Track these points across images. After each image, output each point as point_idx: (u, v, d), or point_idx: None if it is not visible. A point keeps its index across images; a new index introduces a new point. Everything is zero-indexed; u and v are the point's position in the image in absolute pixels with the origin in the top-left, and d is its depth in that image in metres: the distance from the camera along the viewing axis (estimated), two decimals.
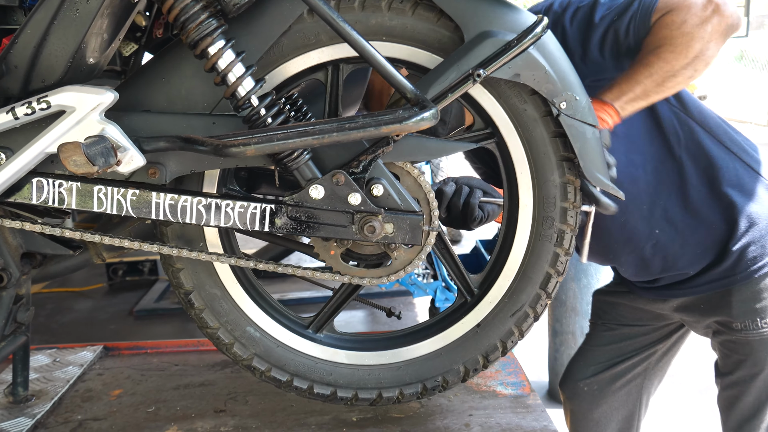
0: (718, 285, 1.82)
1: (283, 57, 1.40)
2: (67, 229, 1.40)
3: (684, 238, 1.79)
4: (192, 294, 1.52)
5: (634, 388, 2.10)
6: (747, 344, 1.81)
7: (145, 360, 2.07)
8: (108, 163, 1.19)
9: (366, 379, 1.58)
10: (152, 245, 1.42)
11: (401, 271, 1.46)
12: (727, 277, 1.80)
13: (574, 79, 1.37)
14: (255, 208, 1.36)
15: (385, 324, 3.20)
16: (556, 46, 1.37)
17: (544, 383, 4.09)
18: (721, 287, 1.82)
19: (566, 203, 1.46)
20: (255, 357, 1.56)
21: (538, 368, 4.13)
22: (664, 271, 1.85)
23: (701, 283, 1.84)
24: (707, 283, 1.83)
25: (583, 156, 1.39)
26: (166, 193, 1.36)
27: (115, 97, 1.28)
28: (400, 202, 1.39)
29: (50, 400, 1.79)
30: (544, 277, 1.51)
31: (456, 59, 1.33)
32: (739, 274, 1.78)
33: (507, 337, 1.55)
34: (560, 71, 1.35)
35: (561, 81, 1.35)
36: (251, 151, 1.21)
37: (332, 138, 1.21)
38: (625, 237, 1.82)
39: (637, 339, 2.06)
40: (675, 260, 1.82)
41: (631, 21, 1.56)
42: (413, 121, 1.21)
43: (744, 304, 1.79)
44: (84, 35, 1.30)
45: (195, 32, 1.25)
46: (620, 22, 1.57)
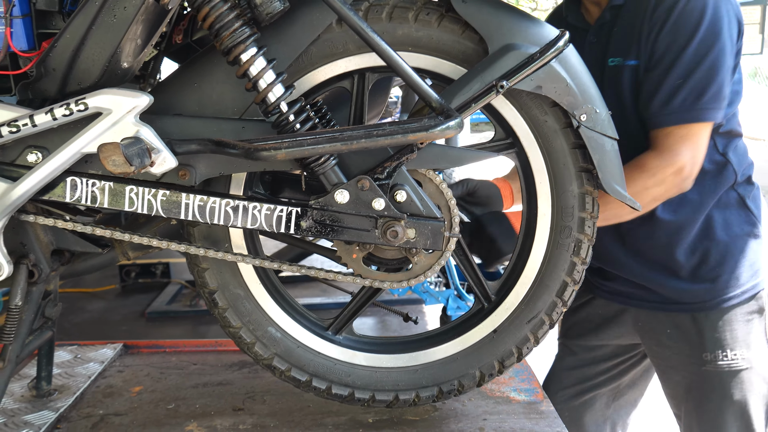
0: (688, 308, 1.84)
1: (311, 65, 1.45)
2: (99, 227, 1.45)
3: (659, 234, 1.83)
4: (216, 293, 1.56)
5: (600, 419, 2.12)
6: (716, 375, 1.82)
7: (163, 359, 2.11)
8: (143, 164, 1.23)
9: (383, 381, 1.61)
10: (179, 245, 1.46)
11: (421, 275, 1.49)
12: (699, 302, 1.82)
13: (595, 93, 1.41)
14: (281, 211, 1.40)
15: (395, 331, 3.22)
16: (577, 59, 1.41)
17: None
18: (690, 310, 1.84)
19: (584, 213, 1.49)
20: (275, 357, 1.59)
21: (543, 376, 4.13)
22: (630, 255, 1.87)
23: (669, 301, 1.86)
24: (675, 303, 1.85)
25: (602, 167, 1.42)
26: (196, 195, 1.40)
27: (150, 101, 1.32)
28: (422, 208, 1.42)
29: (72, 395, 1.83)
30: (561, 286, 1.54)
31: (480, 70, 1.37)
32: (710, 301, 1.81)
33: (523, 343, 1.58)
34: (581, 84, 1.39)
35: (582, 94, 1.38)
36: (282, 155, 1.25)
37: (360, 144, 1.25)
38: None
39: (599, 366, 2.07)
40: (644, 248, 1.85)
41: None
42: (439, 130, 1.25)
43: (714, 332, 1.81)
44: (120, 40, 1.35)
45: (229, 39, 1.30)
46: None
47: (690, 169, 1.67)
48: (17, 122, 1.32)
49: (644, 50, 1.69)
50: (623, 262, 1.90)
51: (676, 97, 1.64)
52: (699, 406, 1.88)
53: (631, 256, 1.88)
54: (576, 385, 2.09)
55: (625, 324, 2.01)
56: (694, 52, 1.63)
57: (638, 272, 1.89)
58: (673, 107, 1.65)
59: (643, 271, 1.87)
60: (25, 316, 1.56)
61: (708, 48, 1.64)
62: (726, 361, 1.81)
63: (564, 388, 2.10)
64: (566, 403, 2.10)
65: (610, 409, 2.14)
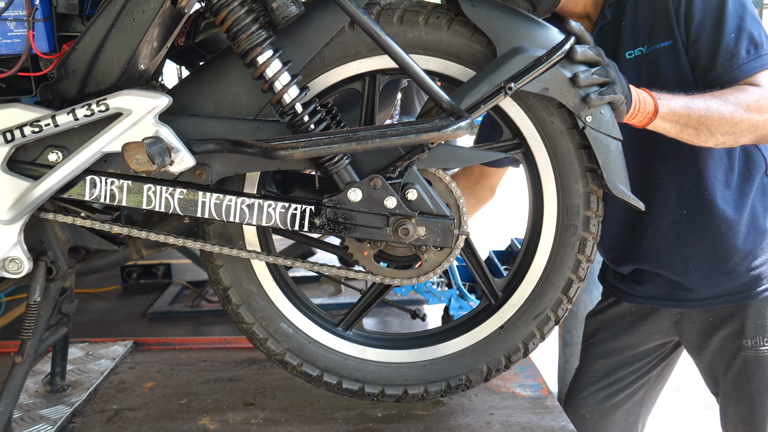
0: (731, 300, 1.84)
1: (324, 67, 1.49)
2: (117, 225, 1.48)
3: (703, 234, 1.81)
4: (230, 290, 1.59)
5: (632, 416, 2.11)
6: (756, 361, 1.84)
7: (174, 355, 2.14)
8: (164, 163, 1.27)
9: (393, 376, 1.65)
10: (195, 242, 1.50)
11: (431, 272, 1.53)
12: (742, 293, 1.82)
13: None
14: (296, 209, 1.44)
15: (396, 331, 3.27)
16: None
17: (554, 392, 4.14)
18: (732, 302, 1.84)
19: (589, 212, 1.53)
20: (288, 352, 1.63)
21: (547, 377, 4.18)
22: (676, 249, 1.83)
23: (711, 296, 1.86)
24: (719, 296, 1.85)
25: (607, 167, 1.46)
26: (212, 193, 1.43)
27: (169, 102, 1.36)
28: (432, 207, 1.46)
29: (86, 390, 1.86)
30: (566, 283, 1.58)
31: (489, 73, 1.41)
32: (753, 290, 1.81)
33: (529, 339, 1.62)
34: None
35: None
36: (299, 154, 1.29)
37: (375, 144, 1.29)
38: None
39: (631, 366, 2.05)
40: (692, 241, 1.82)
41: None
42: (451, 130, 1.29)
43: (757, 320, 1.82)
44: (139, 43, 1.39)
45: (246, 42, 1.34)
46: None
47: None
48: (39, 122, 1.35)
49: (678, 27, 1.68)
50: (665, 258, 1.86)
51: (738, 50, 1.64)
52: (736, 389, 1.89)
53: (676, 250, 1.83)
54: (607, 387, 2.07)
55: (661, 321, 1.98)
56: (733, 6, 1.65)
57: (681, 269, 1.84)
58: (741, 60, 1.64)
59: (686, 266, 1.84)
60: (43, 312, 1.59)
61: (742, 1, 1.67)
62: (767, 347, 1.83)
63: (595, 391, 2.07)
64: (597, 405, 2.07)
65: (641, 406, 2.14)
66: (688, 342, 1.98)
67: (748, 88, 1.61)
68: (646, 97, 1.54)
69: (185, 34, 2.00)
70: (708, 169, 1.78)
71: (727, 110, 1.58)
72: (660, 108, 1.55)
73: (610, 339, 2.07)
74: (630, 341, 2.04)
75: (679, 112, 1.57)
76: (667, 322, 1.98)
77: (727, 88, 1.63)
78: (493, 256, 4.27)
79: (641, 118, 1.54)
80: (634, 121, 1.55)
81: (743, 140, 1.64)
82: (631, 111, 1.51)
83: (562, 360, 4.02)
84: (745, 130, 1.60)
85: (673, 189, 1.79)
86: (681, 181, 1.80)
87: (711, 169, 1.78)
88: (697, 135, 1.61)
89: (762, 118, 1.61)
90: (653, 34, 1.73)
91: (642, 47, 1.75)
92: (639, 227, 1.87)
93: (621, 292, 2.01)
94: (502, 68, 1.40)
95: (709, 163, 1.78)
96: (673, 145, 1.73)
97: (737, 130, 1.60)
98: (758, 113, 1.60)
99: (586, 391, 2.09)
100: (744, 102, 1.59)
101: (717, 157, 1.78)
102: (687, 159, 1.79)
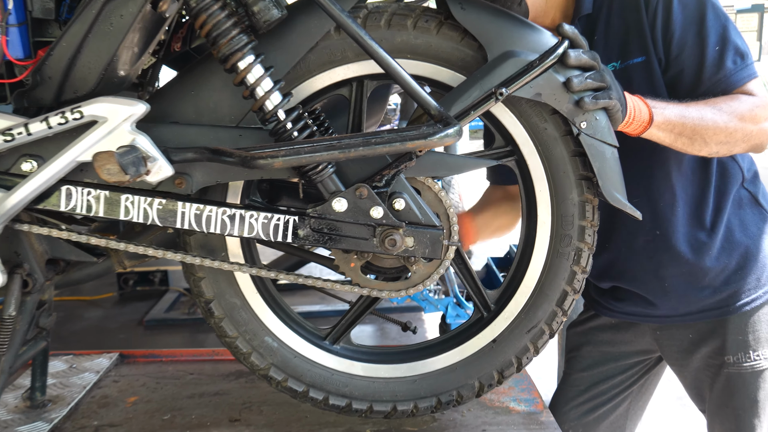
0: (710, 315, 1.80)
1: (309, 72, 1.44)
2: (94, 236, 1.43)
3: (676, 255, 1.77)
4: (212, 303, 1.54)
5: (617, 429, 2.07)
6: (739, 377, 1.79)
7: (160, 368, 2.09)
8: (139, 173, 1.22)
9: (381, 391, 1.59)
10: (175, 254, 1.45)
11: (420, 284, 1.48)
12: (720, 308, 1.78)
13: None
14: (278, 220, 1.39)
15: (394, 340, 3.21)
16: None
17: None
18: (712, 317, 1.80)
19: (584, 222, 1.48)
20: (272, 367, 1.58)
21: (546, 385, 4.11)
22: (650, 269, 1.80)
23: (691, 312, 1.81)
24: (698, 312, 1.81)
25: (602, 175, 1.41)
26: (192, 203, 1.38)
27: (146, 109, 1.31)
28: (421, 217, 1.41)
29: (67, 406, 1.81)
30: (561, 295, 1.52)
31: (479, 78, 1.36)
32: (732, 305, 1.77)
33: (522, 353, 1.56)
34: None
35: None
36: (279, 163, 1.24)
37: (358, 152, 1.24)
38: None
39: (614, 378, 2.01)
40: (665, 260, 1.78)
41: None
42: (437, 138, 1.24)
43: (738, 335, 1.78)
44: (117, 48, 1.34)
45: (226, 47, 1.29)
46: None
47: None
48: (12, 131, 1.30)
49: (654, 42, 1.65)
50: (641, 278, 1.82)
51: (725, 62, 1.60)
52: (722, 406, 1.84)
53: (651, 270, 1.80)
54: (589, 401, 2.02)
55: (641, 335, 1.94)
56: (714, 18, 1.61)
57: (657, 289, 1.81)
58: (728, 71, 1.61)
59: (662, 286, 1.80)
60: (19, 327, 1.54)
61: (720, 11, 1.63)
62: (749, 363, 1.77)
63: (577, 405, 2.03)
64: (579, 419, 2.03)
65: (626, 419, 2.10)
66: (669, 357, 1.94)
67: (741, 97, 1.59)
68: (641, 105, 1.51)
69: (181, 40, 1.96)
70: (681, 188, 1.74)
71: (722, 120, 1.55)
72: (655, 116, 1.51)
73: (591, 351, 2.04)
74: (611, 353, 2.01)
75: (673, 121, 1.53)
76: (648, 336, 1.94)
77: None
78: (492, 264, 4.21)
79: (636, 127, 1.50)
80: (629, 129, 1.51)
81: (737, 149, 1.62)
82: (626, 119, 1.47)
83: (561, 369, 3.96)
84: (739, 140, 1.58)
85: (646, 208, 1.71)
86: (653, 199, 1.75)
87: (684, 188, 1.75)
88: (691, 144, 1.58)
89: (756, 128, 1.58)
90: (626, 49, 1.70)
91: (615, 63, 1.72)
92: (614, 246, 1.84)
93: (601, 306, 1.98)
94: (493, 73, 1.35)
95: (681, 181, 1.75)
96: (646, 162, 1.71)
97: (731, 140, 1.57)
98: (752, 123, 1.57)
99: (568, 405, 2.05)
100: (738, 111, 1.56)
101: (690, 173, 1.75)
102: (660, 177, 1.75)
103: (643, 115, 1.51)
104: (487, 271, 4.16)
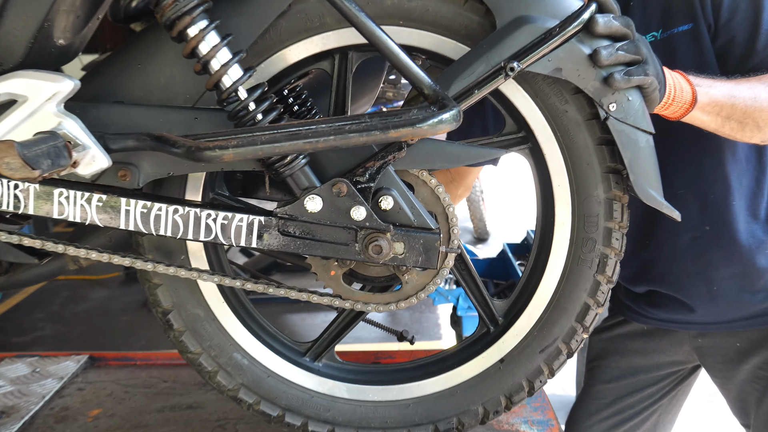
0: (762, 322, 1.60)
1: (281, 42, 1.20)
2: (28, 237, 1.21)
3: (729, 253, 1.56)
4: (171, 314, 1.32)
5: None
6: None
7: (131, 373, 1.89)
8: (57, 166, 0.99)
9: (369, 417, 1.37)
10: (123, 258, 1.22)
11: (413, 297, 1.25)
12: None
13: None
14: (241, 221, 1.16)
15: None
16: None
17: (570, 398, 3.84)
18: (765, 324, 1.60)
19: (611, 223, 1.24)
20: (242, 387, 1.36)
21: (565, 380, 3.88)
22: (697, 270, 1.59)
23: (738, 318, 1.62)
24: (747, 318, 1.61)
25: (634, 168, 1.17)
26: (138, 200, 1.16)
27: (75, 86, 1.08)
28: (413, 218, 1.17)
29: (21, 420, 1.61)
30: (582, 309, 1.29)
31: (485, 49, 1.12)
32: None
33: (535, 376, 1.33)
34: None
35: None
36: (229, 155, 1.00)
37: (328, 142, 1.00)
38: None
39: (642, 391, 1.81)
40: (716, 259, 1.57)
41: None
42: (428, 125, 0.99)
43: None
44: (48, 12, 1.10)
45: (171, 9, 1.05)
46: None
47: None
48: None
49: (702, 6, 1.42)
50: (685, 281, 1.61)
51: None
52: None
53: (698, 272, 1.59)
54: (614, 415, 1.83)
55: (678, 344, 1.73)
56: None
57: (704, 293, 1.60)
58: None
59: (710, 290, 1.59)
60: None
61: None
62: None
63: (600, 420, 1.84)
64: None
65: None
66: (711, 368, 1.74)
67: None
68: (683, 83, 1.27)
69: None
70: (736, 178, 1.52)
71: None
72: (699, 97, 1.29)
73: (618, 362, 1.83)
74: (642, 364, 1.80)
75: (721, 102, 1.31)
76: (686, 345, 1.73)
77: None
78: (508, 251, 3.96)
79: (675, 109, 1.27)
80: (667, 112, 1.28)
81: None
82: (664, 99, 1.24)
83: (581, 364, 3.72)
84: None
85: (694, 201, 1.53)
86: (703, 191, 1.53)
87: (739, 178, 1.52)
88: (741, 129, 1.36)
89: None
90: (669, 16, 1.48)
91: (655, 32, 1.49)
92: (653, 246, 1.61)
93: (632, 311, 1.76)
94: (502, 43, 1.11)
95: (737, 170, 1.52)
96: (693, 147, 1.49)
97: None
98: None
99: (590, 419, 1.85)
100: None
101: (744, 160, 1.52)
102: (711, 166, 1.53)
103: (684, 95, 1.27)
104: (503, 259, 3.92)
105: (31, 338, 4.79)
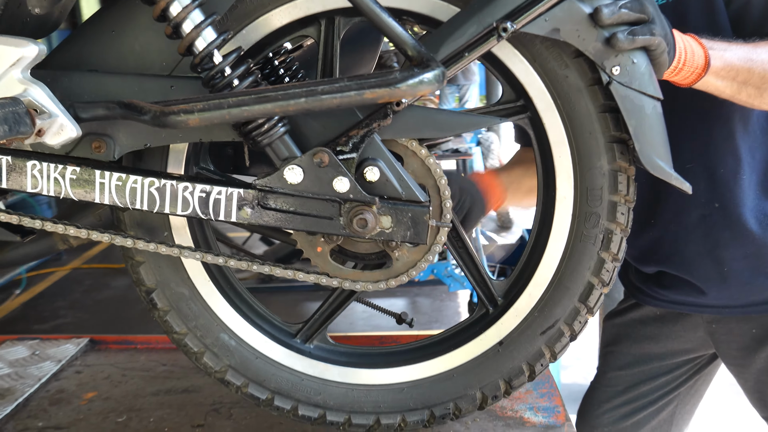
0: None
1: (263, 6, 1.14)
2: (3, 212, 1.17)
3: (740, 232, 1.46)
4: (154, 293, 1.27)
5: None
6: None
7: (131, 357, 1.85)
8: (15, 132, 0.94)
9: (362, 401, 1.31)
10: (102, 234, 1.18)
11: (403, 275, 1.18)
12: None
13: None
14: (219, 193, 1.10)
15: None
16: None
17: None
18: None
19: (616, 196, 1.16)
20: (229, 369, 1.31)
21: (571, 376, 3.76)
22: (707, 250, 1.50)
23: (754, 303, 1.52)
24: (763, 303, 1.51)
25: (640, 137, 1.08)
26: (112, 172, 1.11)
27: (40, 51, 1.03)
28: (401, 190, 1.10)
29: (14, 402, 1.58)
30: (585, 288, 1.21)
31: (477, 8, 1.05)
32: None
33: (535, 360, 1.26)
34: None
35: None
36: (195, 120, 0.94)
37: (299, 105, 0.93)
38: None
39: (657, 379, 1.72)
40: (725, 239, 1.48)
41: None
42: (407, 85, 0.92)
43: None
44: None
45: None
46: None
47: None
48: None
49: None
50: (694, 261, 1.52)
51: None
52: None
53: (707, 252, 1.50)
54: (627, 403, 1.75)
55: (692, 329, 1.64)
56: None
57: (714, 274, 1.51)
58: None
59: (721, 271, 1.50)
60: None
61: None
62: None
63: (613, 408, 1.76)
64: (615, 424, 1.76)
65: (671, 425, 1.80)
66: (726, 356, 1.65)
67: None
68: (694, 45, 1.18)
69: None
70: (747, 151, 1.42)
71: None
72: (712, 60, 1.19)
73: (631, 347, 1.74)
74: (655, 351, 1.71)
75: (737, 66, 1.21)
76: (701, 331, 1.64)
77: None
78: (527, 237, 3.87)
79: (687, 74, 1.18)
80: (678, 77, 1.19)
81: None
82: (674, 63, 1.15)
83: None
84: None
85: (702, 176, 1.43)
86: (712, 165, 1.44)
87: (751, 151, 1.42)
88: (759, 96, 1.26)
89: None
90: None
91: None
92: (659, 223, 1.52)
93: (644, 294, 1.68)
94: (495, 2, 1.04)
95: (749, 143, 1.42)
96: (701, 119, 1.40)
97: None
98: None
99: (602, 407, 1.78)
100: None
101: (760, 133, 1.42)
102: (721, 138, 1.43)
103: (696, 58, 1.17)
104: (523, 245, 3.83)
105: (52, 325, 4.84)
